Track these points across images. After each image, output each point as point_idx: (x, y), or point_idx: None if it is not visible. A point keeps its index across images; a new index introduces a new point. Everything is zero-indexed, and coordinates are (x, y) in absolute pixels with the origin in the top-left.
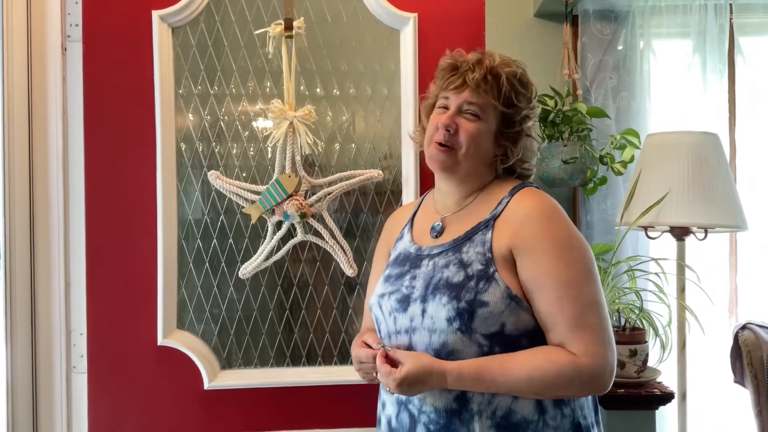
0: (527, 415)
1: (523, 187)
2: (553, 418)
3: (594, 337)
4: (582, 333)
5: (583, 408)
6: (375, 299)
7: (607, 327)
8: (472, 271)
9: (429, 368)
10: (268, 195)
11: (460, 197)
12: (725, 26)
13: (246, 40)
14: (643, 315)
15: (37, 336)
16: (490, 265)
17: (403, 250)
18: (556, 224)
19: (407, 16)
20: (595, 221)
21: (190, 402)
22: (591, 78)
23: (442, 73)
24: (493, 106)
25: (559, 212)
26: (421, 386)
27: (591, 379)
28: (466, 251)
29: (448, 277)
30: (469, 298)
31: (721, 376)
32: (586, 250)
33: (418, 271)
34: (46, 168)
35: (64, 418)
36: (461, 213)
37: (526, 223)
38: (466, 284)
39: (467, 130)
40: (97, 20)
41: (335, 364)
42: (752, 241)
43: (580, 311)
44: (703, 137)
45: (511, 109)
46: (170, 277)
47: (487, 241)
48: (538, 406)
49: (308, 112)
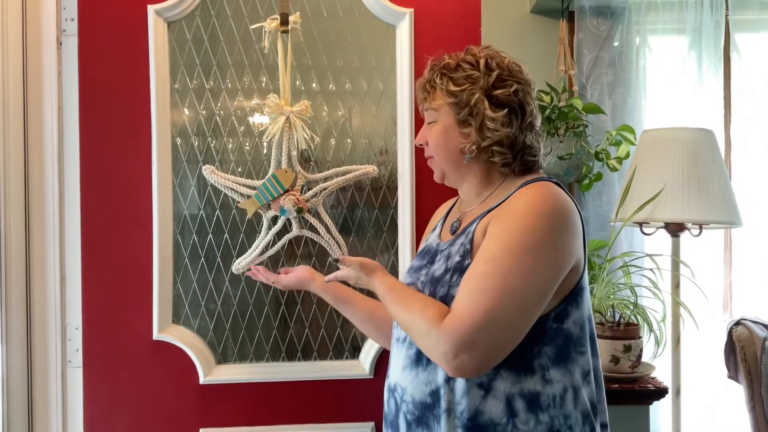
0: (495, 418)
1: (534, 182)
2: (524, 423)
3: (471, 309)
4: (464, 301)
5: (568, 417)
6: None
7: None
8: (451, 263)
9: (372, 264)
10: (264, 190)
11: (475, 195)
12: (721, 22)
13: (242, 35)
14: (637, 311)
15: (32, 330)
16: (467, 257)
17: (428, 244)
18: (527, 216)
19: (403, 11)
20: (591, 217)
21: (186, 396)
22: (587, 74)
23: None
24: (440, 104)
25: (545, 209)
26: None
27: (435, 343)
28: (455, 244)
29: (434, 270)
30: (442, 293)
31: (715, 372)
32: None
33: (432, 266)
34: (41, 162)
35: (59, 412)
36: (475, 209)
37: (506, 209)
38: (443, 278)
39: (429, 136)
40: (92, 15)
41: (331, 359)
42: (747, 237)
43: (479, 287)
44: (698, 133)
45: (453, 98)
46: (166, 272)
47: (470, 232)
48: (507, 408)
49: (304, 108)
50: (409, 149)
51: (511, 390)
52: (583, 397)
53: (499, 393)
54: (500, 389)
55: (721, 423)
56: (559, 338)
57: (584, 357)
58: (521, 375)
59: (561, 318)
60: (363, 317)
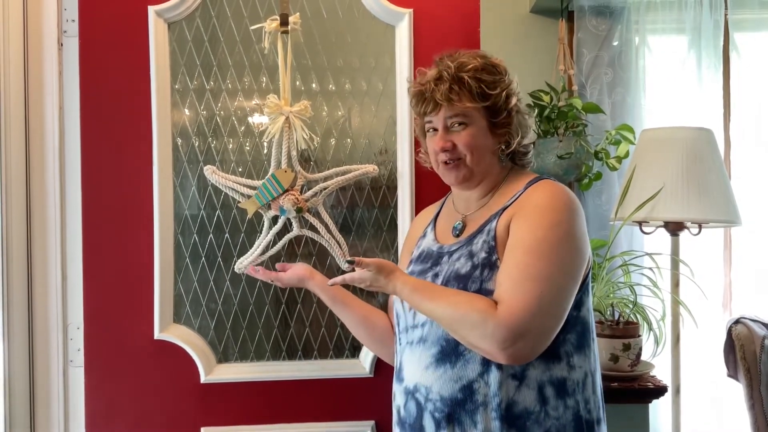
0: (529, 406)
1: (539, 180)
2: (554, 409)
3: (523, 301)
4: (513, 292)
5: (588, 402)
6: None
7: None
8: (477, 260)
9: (390, 266)
10: (264, 190)
11: (479, 197)
12: (720, 22)
13: (242, 36)
14: (637, 309)
15: (33, 330)
16: (493, 253)
17: (426, 248)
18: (552, 210)
19: (402, 11)
20: (590, 216)
21: (187, 396)
22: (586, 73)
23: (414, 101)
24: (473, 107)
25: (564, 203)
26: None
27: (494, 333)
28: (476, 243)
29: (457, 268)
30: (474, 288)
31: (714, 370)
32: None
33: (438, 268)
34: (42, 163)
35: (61, 411)
36: (482, 210)
37: (527, 205)
38: (472, 274)
39: (463, 140)
40: (93, 15)
41: (331, 357)
42: (746, 236)
43: (524, 277)
44: (697, 133)
45: (489, 101)
46: (167, 272)
47: (492, 229)
48: (539, 396)
49: (304, 108)
50: (408, 149)
51: (542, 378)
52: (598, 382)
53: (532, 382)
54: (533, 378)
55: (720, 421)
56: (578, 325)
57: (595, 343)
58: (550, 363)
59: (579, 306)
60: (357, 321)
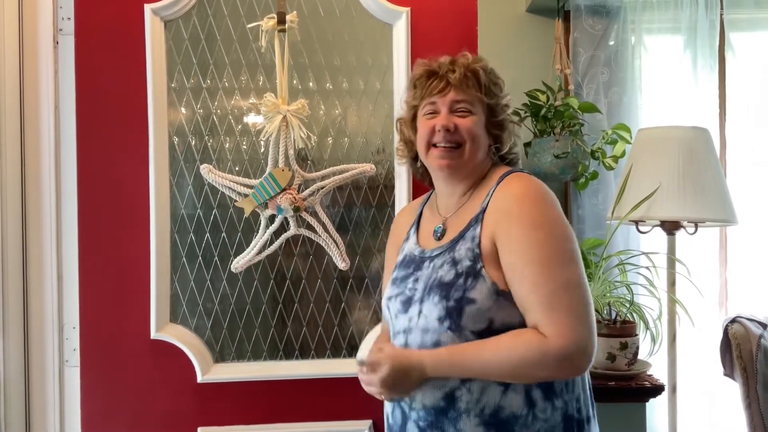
0: (516, 411)
1: (509, 174)
2: (542, 411)
3: (566, 317)
4: (553, 314)
5: (578, 400)
6: (384, 302)
7: (583, 307)
8: (461, 268)
9: (406, 364)
10: (261, 189)
11: (459, 195)
12: (716, 22)
13: (238, 34)
14: (633, 308)
15: (29, 330)
16: (478, 261)
17: (409, 253)
18: (530, 205)
19: (400, 10)
20: (587, 216)
21: (183, 395)
22: (582, 73)
23: (420, 81)
24: (479, 99)
25: (537, 194)
26: (407, 382)
27: (559, 360)
28: (458, 249)
29: (441, 276)
30: (457, 296)
31: (711, 369)
32: (562, 230)
33: (420, 273)
34: (38, 162)
35: (56, 411)
36: (460, 212)
37: (504, 209)
38: (456, 282)
39: (464, 125)
40: (89, 14)
41: (328, 357)
42: (742, 235)
43: (552, 292)
44: (693, 132)
45: (493, 100)
46: (163, 271)
47: (476, 236)
48: (527, 399)
49: (301, 106)
50: None
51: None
52: (586, 379)
53: (518, 386)
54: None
55: (717, 420)
56: None
57: None
58: None
59: None
60: None
